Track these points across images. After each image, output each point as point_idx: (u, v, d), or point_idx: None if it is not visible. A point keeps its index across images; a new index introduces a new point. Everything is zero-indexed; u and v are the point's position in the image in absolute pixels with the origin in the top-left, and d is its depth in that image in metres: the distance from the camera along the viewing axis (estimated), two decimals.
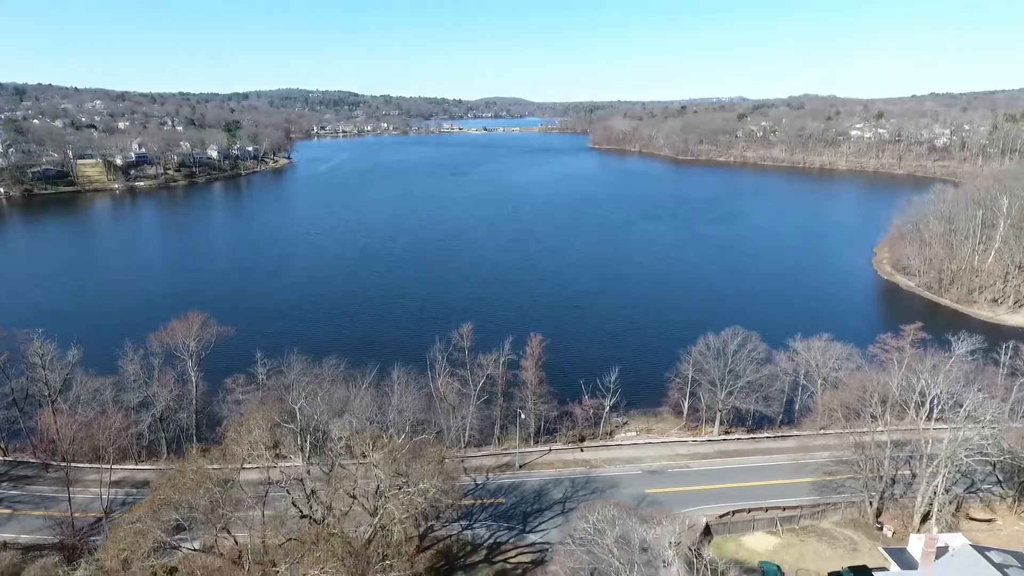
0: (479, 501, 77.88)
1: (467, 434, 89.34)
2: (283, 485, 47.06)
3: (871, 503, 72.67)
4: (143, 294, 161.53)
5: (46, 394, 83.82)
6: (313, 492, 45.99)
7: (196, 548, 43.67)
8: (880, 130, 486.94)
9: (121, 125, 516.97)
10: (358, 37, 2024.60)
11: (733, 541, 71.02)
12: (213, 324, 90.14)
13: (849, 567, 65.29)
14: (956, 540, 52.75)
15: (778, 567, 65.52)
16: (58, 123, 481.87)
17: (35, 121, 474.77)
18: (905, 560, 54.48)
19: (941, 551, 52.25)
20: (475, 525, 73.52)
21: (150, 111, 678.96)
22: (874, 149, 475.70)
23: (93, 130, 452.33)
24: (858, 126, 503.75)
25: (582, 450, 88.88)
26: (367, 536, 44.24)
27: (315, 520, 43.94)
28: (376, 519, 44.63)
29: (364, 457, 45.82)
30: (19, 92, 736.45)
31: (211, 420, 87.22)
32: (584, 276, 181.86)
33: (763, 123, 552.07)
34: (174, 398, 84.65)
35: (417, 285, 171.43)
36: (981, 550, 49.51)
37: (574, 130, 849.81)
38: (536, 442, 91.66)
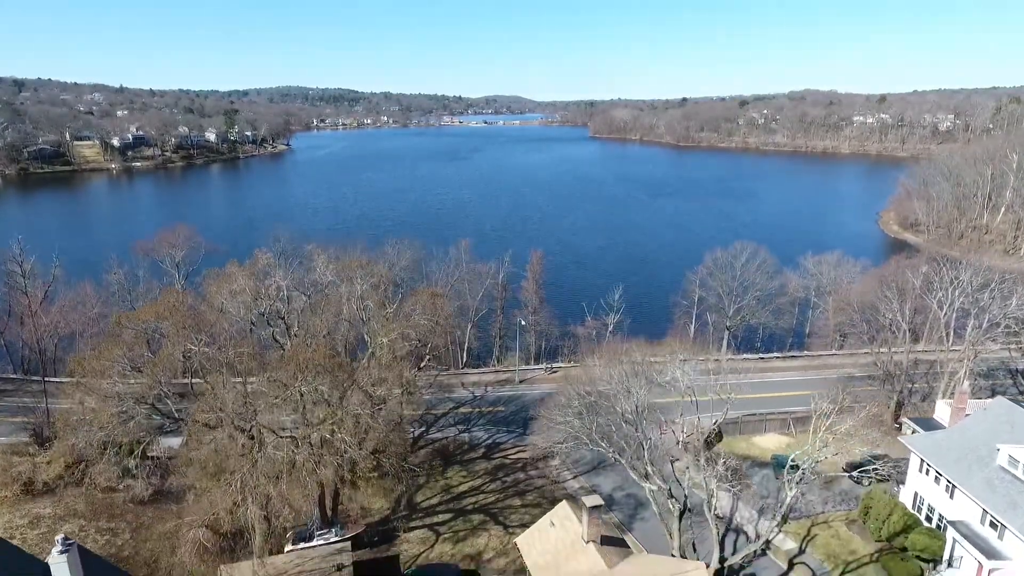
0: (477, 409, 74.56)
1: (465, 353, 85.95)
2: (264, 313, 43.75)
3: (889, 403, 69.18)
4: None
5: (26, 304, 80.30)
6: (299, 328, 42.60)
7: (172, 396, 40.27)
8: (883, 115, 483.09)
9: (120, 114, 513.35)
10: (358, 35, 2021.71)
11: (744, 441, 67.69)
12: (200, 239, 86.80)
13: (870, 456, 62.07)
14: (987, 403, 49.26)
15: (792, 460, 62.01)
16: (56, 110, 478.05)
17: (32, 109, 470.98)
18: (932, 426, 51.08)
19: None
20: (473, 429, 70.17)
21: (149, 103, 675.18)
22: (877, 133, 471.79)
23: (91, 116, 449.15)
24: (861, 113, 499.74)
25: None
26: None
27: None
28: (367, 353, 41.28)
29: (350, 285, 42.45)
30: (18, 84, 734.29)
31: None
32: (587, 238, 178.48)
33: (764, 111, 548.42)
34: None
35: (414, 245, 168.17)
36: (1017, 402, 46.11)
37: (574, 123, 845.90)
38: (537, 362, 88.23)
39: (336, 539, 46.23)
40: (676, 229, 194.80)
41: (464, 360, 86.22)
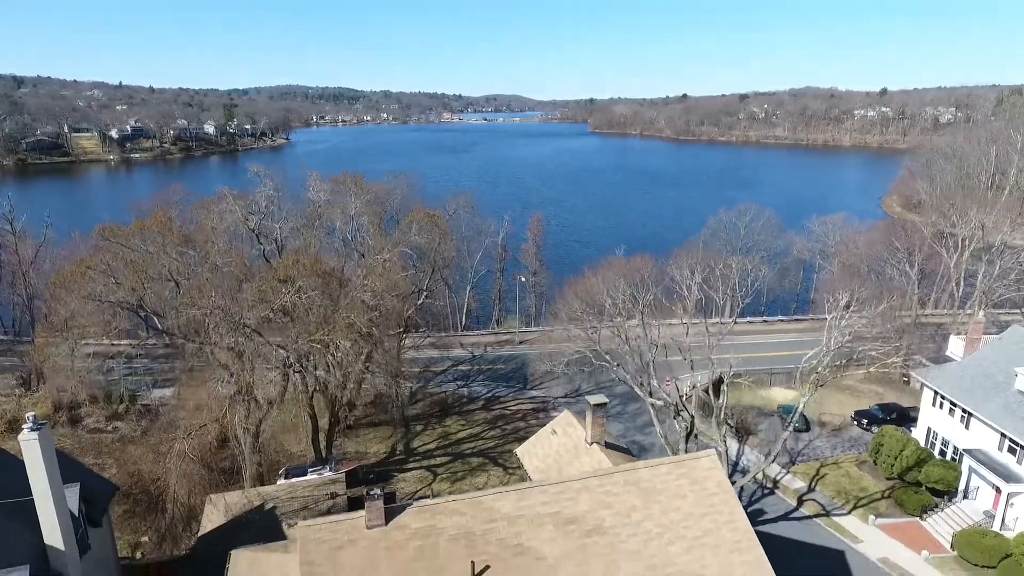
0: (476, 367, 73.10)
1: (464, 316, 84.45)
2: (253, 229, 42.20)
3: (898, 352, 67.60)
4: None
5: (16, 264, 78.97)
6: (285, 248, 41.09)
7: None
8: (884, 108, 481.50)
9: (119, 108, 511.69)
10: (358, 34, 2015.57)
11: (750, 393, 66.14)
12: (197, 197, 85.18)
13: (878, 404, 60.83)
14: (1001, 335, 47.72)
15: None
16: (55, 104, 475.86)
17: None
18: (944, 361, 49.55)
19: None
20: (472, 384, 68.72)
21: (148, 99, 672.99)
22: (878, 126, 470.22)
23: (90, 110, 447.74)
24: (862, 107, 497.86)
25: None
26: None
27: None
28: (362, 275, 39.76)
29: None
30: (17, 81, 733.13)
31: None
32: (588, 220, 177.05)
33: (765, 105, 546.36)
34: None
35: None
36: None
37: (574, 119, 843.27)
38: (537, 325, 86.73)
39: (331, 473, 44.87)
40: (677, 213, 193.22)
41: (463, 323, 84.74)
